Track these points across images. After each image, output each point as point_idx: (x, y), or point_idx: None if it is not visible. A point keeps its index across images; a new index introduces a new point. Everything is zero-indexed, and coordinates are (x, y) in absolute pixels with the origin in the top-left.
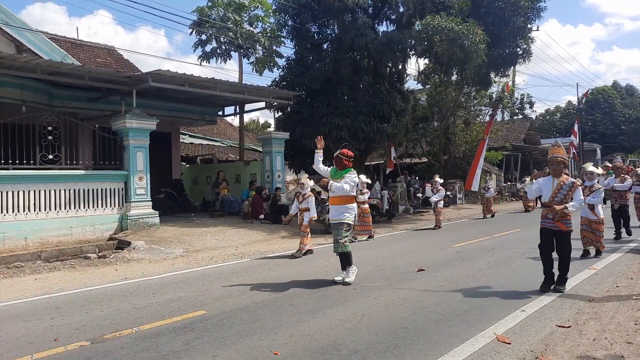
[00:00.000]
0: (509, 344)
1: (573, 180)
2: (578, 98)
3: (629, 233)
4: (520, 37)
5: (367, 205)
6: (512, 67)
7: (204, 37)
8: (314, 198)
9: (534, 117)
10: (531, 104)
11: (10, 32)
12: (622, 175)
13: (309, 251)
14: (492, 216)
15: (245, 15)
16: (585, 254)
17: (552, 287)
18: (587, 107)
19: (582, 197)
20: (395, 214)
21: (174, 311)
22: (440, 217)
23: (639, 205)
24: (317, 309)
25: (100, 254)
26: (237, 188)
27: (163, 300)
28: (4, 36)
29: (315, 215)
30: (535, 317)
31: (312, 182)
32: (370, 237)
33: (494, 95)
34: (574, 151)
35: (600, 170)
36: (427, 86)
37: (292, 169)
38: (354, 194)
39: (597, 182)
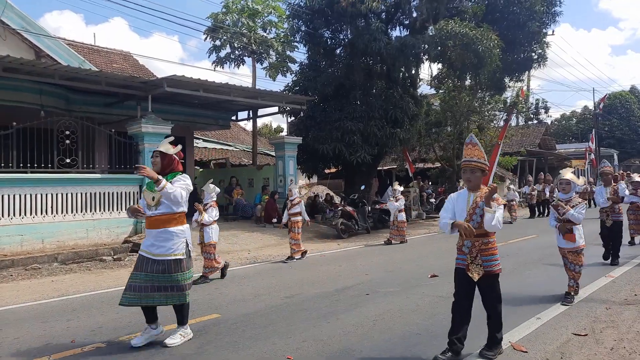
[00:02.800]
0: (525, 352)
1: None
2: (594, 103)
3: (614, 260)
4: (535, 42)
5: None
6: (527, 72)
7: (218, 42)
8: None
9: (549, 122)
10: (546, 109)
11: (30, 38)
12: (614, 185)
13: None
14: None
15: (258, 21)
16: (569, 298)
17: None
18: (604, 112)
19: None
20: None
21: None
22: (405, 231)
23: (633, 218)
24: (330, 314)
25: (115, 257)
26: (250, 192)
27: None
28: (24, 42)
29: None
30: (551, 325)
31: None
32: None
33: (508, 100)
34: (592, 156)
35: (581, 181)
36: (441, 91)
37: (304, 174)
38: (184, 209)
39: (577, 195)
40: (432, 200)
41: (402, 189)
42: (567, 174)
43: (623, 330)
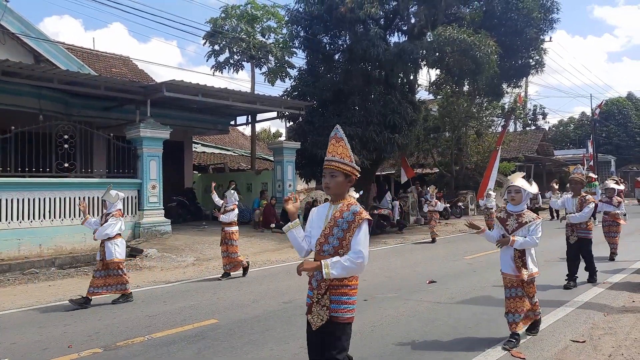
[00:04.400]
0: (523, 358)
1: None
2: (592, 109)
3: (592, 278)
4: (532, 48)
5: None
6: (525, 78)
7: (217, 47)
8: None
9: (547, 128)
10: (544, 115)
11: (29, 42)
12: (582, 195)
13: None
14: None
15: (258, 26)
16: (515, 340)
17: None
18: (601, 118)
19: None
20: (406, 224)
21: (186, 319)
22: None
23: (607, 230)
24: None
25: None
26: (248, 197)
27: (175, 308)
28: (23, 47)
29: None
30: (549, 332)
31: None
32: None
33: (506, 106)
34: (591, 163)
35: (534, 188)
36: (439, 96)
37: (303, 179)
38: None
39: (528, 208)
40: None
41: (357, 195)
42: (517, 179)
43: (621, 337)
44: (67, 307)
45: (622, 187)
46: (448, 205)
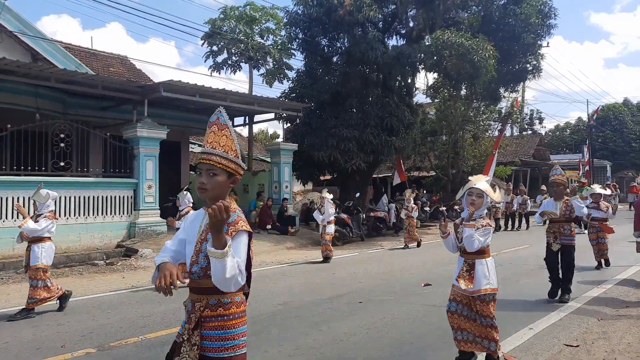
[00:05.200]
0: None
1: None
2: (588, 114)
3: (565, 293)
4: (530, 53)
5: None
6: (522, 83)
7: (215, 48)
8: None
9: (543, 133)
10: (540, 120)
11: (27, 41)
12: (566, 199)
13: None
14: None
15: (256, 27)
16: None
17: None
18: (598, 124)
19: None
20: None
21: (180, 320)
22: (330, 245)
23: (594, 237)
24: (322, 322)
25: (107, 261)
26: (245, 198)
27: (169, 309)
28: (20, 45)
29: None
30: (543, 336)
31: (330, 195)
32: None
33: (503, 111)
34: (587, 168)
35: (497, 196)
36: (436, 100)
37: (300, 180)
38: None
39: (487, 214)
40: (427, 208)
41: (331, 196)
42: (480, 181)
43: (614, 342)
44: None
45: (608, 192)
46: (444, 208)
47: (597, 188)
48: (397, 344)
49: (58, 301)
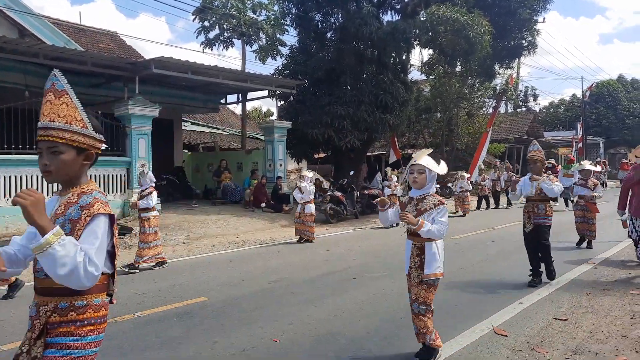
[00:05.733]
0: (506, 336)
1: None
2: (582, 91)
3: (549, 272)
4: (525, 29)
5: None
6: (517, 59)
7: (206, 23)
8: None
9: (537, 110)
10: (535, 97)
11: (13, 16)
12: (545, 176)
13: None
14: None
15: (248, 2)
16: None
17: None
18: (592, 101)
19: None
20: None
21: (175, 297)
22: (313, 227)
23: (580, 215)
24: (316, 298)
25: None
26: (239, 176)
27: (164, 286)
28: (6, 20)
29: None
30: (533, 310)
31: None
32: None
33: (497, 87)
34: (580, 145)
35: (442, 169)
36: (431, 77)
37: (294, 158)
38: None
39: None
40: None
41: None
42: (422, 157)
43: (602, 315)
44: None
45: (598, 168)
46: (438, 185)
47: (586, 164)
48: (390, 319)
49: (7, 288)
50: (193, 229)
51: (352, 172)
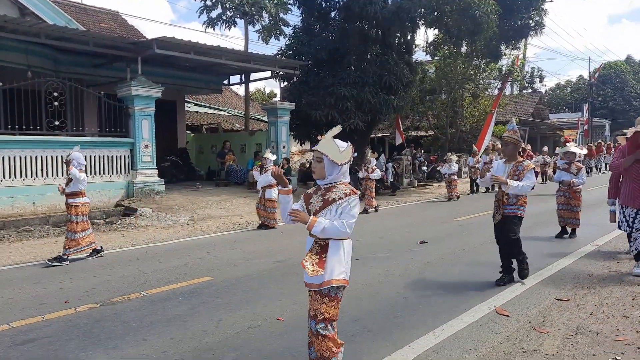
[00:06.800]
0: (507, 316)
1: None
2: (589, 72)
3: (522, 269)
4: (533, 9)
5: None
6: (524, 40)
7: (209, 2)
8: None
9: (543, 92)
10: (541, 78)
11: None
12: (519, 160)
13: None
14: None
15: None
16: None
17: None
18: (599, 82)
19: None
20: (399, 186)
21: (180, 277)
22: (275, 213)
23: (563, 202)
24: None
25: (107, 220)
26: (242, 158)
27: (169, 266)
28: None
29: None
30: (535, 291)
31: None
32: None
33: (503, 68)
34: (585, 127)
35: (345, 156)
36: (436, 58)
37: (297, 140)
38: None
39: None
40: (424, 168)
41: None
42: (324, 142)
43: (603, 296)
44: (63, 264)
45: (585, 151)
46: (427, 168)
47: (571, 146)
48: (392, 299)
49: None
50: (197, 210)
51: (355, 154)
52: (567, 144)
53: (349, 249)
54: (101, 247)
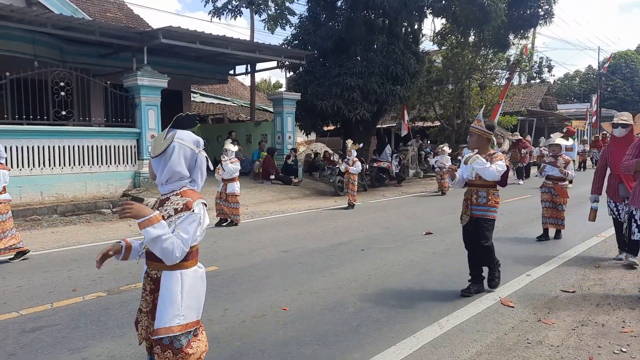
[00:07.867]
0: (512, 307)
1: None
2: (599, 62)
3: (492, 278)
4: None
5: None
6: (532, 29)
7: None
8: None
9: (552, 82)
10: (550, 68)
11: None
12: (490, 153)
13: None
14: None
15: None
16: None
17: None
18: (608, 72)
19: None
20: (405, 177)
21: None
22: (238, 209)
23: (548, 199)
24: (325, 268)
25: (114, 210)
26: (248, 148)
27: None
28: None
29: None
30: (541, 282)
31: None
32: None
33: (511, 58)
34: (594, 118)
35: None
36: (443, 47)
37: (303, 131)
38: None
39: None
40: (430, 159)
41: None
42: (159, 140)
43: (609, 288)
44: (71, 253)
45: (570, 142)
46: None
47: (556, 137)
48: (398, 289)
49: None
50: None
51: (361, 145)
52: (552, 135)
53: (197, 281)
54: (27, 250)
